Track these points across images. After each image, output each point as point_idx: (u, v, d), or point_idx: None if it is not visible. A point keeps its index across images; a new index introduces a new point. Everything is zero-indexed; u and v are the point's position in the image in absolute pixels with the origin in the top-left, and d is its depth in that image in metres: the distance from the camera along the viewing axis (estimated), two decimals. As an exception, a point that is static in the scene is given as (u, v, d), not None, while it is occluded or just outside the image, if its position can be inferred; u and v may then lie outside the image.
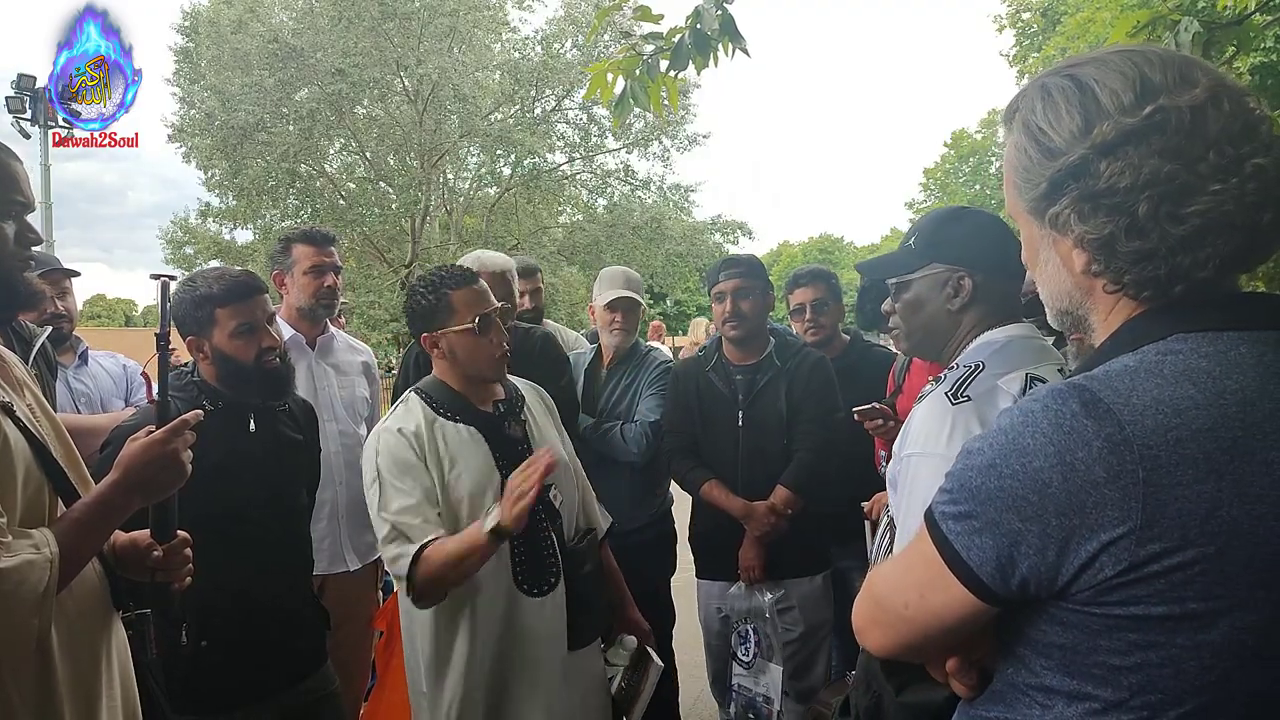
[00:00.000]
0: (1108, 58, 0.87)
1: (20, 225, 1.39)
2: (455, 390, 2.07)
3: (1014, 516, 0.80)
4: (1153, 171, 0.80)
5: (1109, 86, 0.84)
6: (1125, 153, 0.81)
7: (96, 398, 2.86)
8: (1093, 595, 0.79)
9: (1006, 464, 0.81)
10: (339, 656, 2.26)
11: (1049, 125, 0.87)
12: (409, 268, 23.15)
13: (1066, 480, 0.78)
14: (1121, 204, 0.82)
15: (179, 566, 1.54)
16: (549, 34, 24.08)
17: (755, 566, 2.72)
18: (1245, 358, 0.80)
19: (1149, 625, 0.78)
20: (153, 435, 1.42)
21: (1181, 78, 0.82)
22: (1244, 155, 0.80)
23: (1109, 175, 0.82)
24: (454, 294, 2.02)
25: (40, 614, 1.22)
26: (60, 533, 1.29)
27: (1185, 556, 0.75)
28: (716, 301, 2.84)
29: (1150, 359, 0.82)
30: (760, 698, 2.73)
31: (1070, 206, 0.86)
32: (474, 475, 1.99)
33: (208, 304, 1.99)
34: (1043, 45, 17.24)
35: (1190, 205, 0.80)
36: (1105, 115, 0.83)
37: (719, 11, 2.74)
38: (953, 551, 0.85)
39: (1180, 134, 0.80)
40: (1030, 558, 0.80)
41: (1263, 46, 12.18)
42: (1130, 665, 0.79)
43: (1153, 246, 0.82)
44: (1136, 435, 0.77)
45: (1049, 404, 0.81)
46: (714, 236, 26.11)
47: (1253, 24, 2.91)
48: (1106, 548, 0.77)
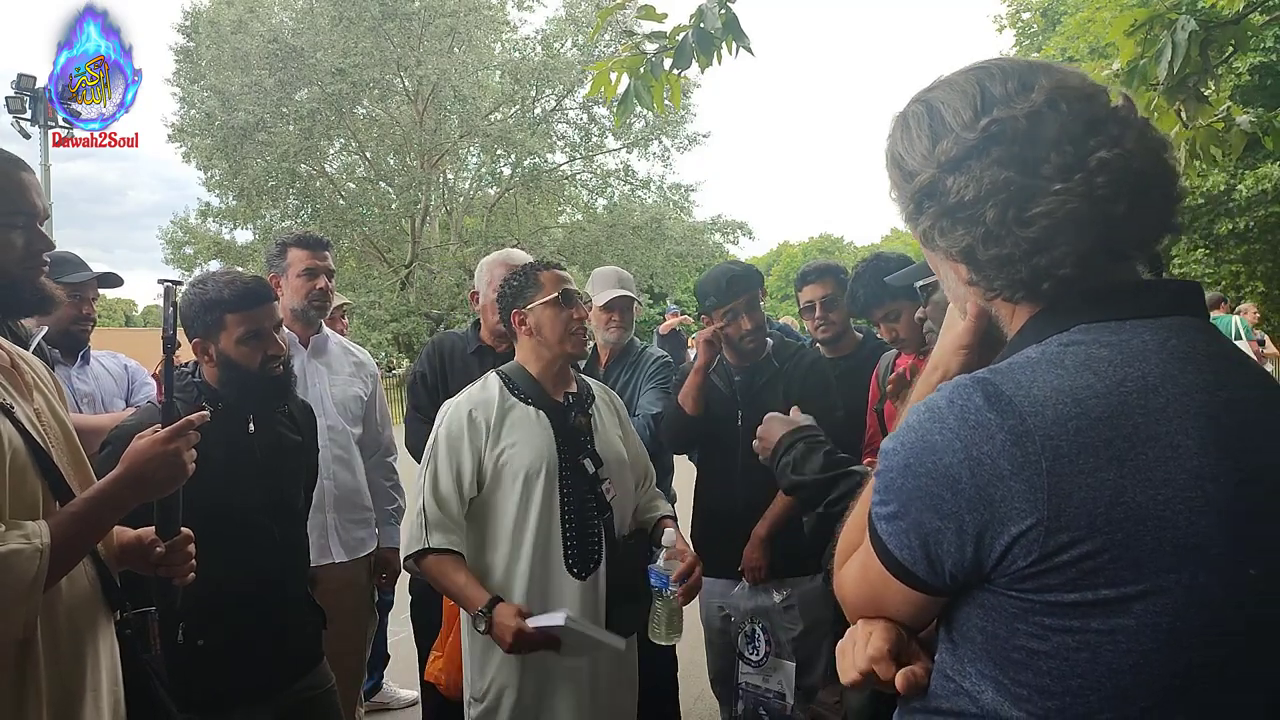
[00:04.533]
0: (955, 78, 0.90)
1: (30, 234, 1.42)
2: (533, 377, 2.23)
3: (933, 515, 0.82)
4: (994, 181, 0.83)
5: (952, 106, 0.87)
6: (969, 166, 0.84)
7: (98, 397, 2.87)
8: (1009, 583, 0.80)
9: (919, 462, 0.82)
10: (330, 650, 2.27)
11: (905, 151, 0.92)
12: (409, 268, 23.17)
13: (974, 475, 0.79)
14: (972, 215, 0.85)
15: (182, 563, 1.56)
16: (549, 34, 24.11)
17: (760, 566, 2.73)
18: (1148, 344, 0.81)
19: (1062, 611, 0.78)
20: (156, 434, 1.44)
21: (1021, 86, 0.85)
22: (1088, 150, 0.81)
23: (956, 190, 0.85)
24: (542, 273, 2.23)
25: (27, 603, 1.23)
26: (55, 525, 1.30)
27: (1093, 545, 0.76)
28: (729, 317, 2.77)
29: (1052, 350, 0.83)
30: (772, 694, 2.74)
31: (931, 223, 0.89)
32: (533, 453, 2.13)
33: (217, 308, 1.99)
34: (1043, 45, 17.23)
35: (1035, 208, 0.81)
36: (949, 133, 0.87)
37: (722, 10, 2.75)
38: (887, 551, 0.87)
39: (1017, 141, 0.82)
40: (952, 554, 0.82)
41: (1262, 46, 12.19)
42: (1048, 650, 0.80)
43: (1009, 252, 0.84)
44: (1038, 426, 0.77)
45: (954, 399, 0.82)
46: (714, 236, 26.14)
47: (1251, 23, 2.92)
48: (1017, 540, 0.78)
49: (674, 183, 25.92)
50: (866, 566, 0.92)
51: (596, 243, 23.99)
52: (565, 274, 2.27)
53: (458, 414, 2.16)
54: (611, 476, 2.22)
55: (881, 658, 0.92)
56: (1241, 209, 13.86)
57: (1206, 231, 14.67)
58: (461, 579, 2.04)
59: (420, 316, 22.45)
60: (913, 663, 0.93)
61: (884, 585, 0.90)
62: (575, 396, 2.27)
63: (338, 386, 2.92)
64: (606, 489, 2.19)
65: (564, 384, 2.27)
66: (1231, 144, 3.13)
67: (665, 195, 25.70)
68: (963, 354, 1.03)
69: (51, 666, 1.33)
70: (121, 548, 1.56)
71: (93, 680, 1.40)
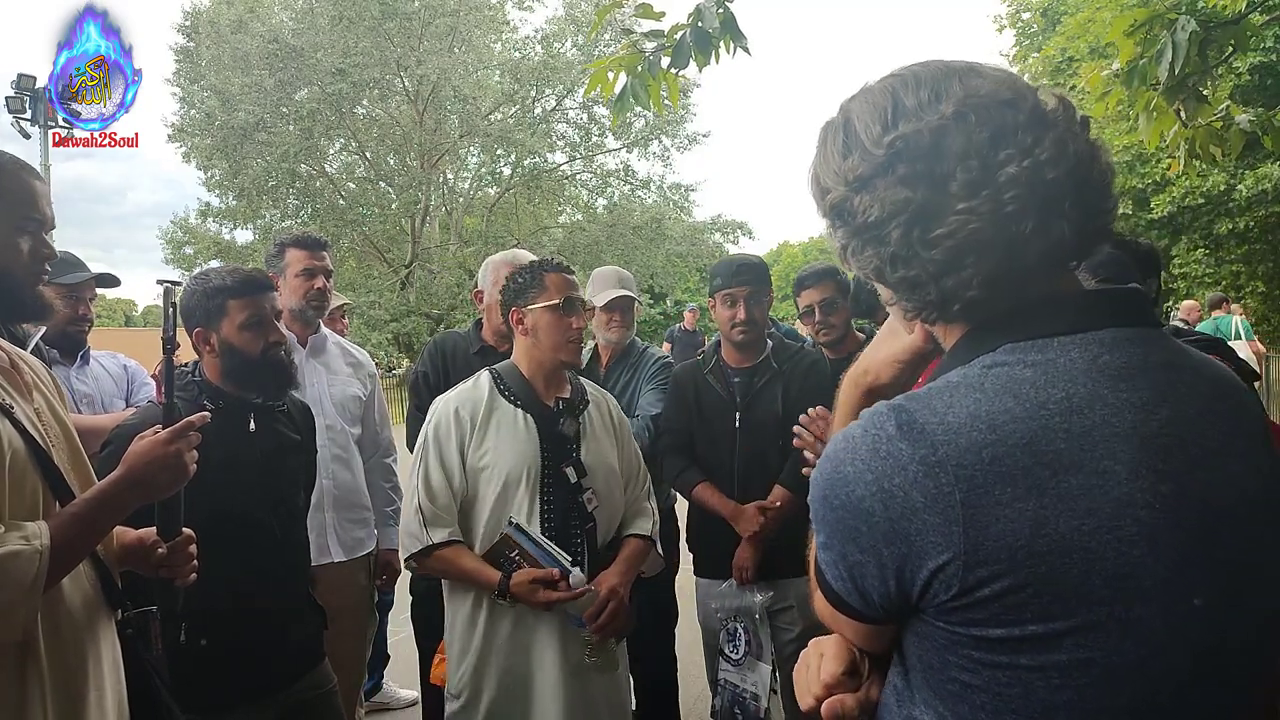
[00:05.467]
0: (872, 87, 0.85)
1: (36, 241, 1.44)
2: (525, 377, 2.21)
3: (853, 548, 0.78)
4: (897, 201, 0.78)
5: (863, 119, 0.83)
6: (874, 185, 0.80)
7: (98, 398, 2.87)
8: (935, 614, 0.77)
9: (835, 494, 0.79)
10: (332, 650, 2.28)
11: (820, 167, 0.87)
12: (409, 268, 23.16)
13: (887, 509, 0.75)
14: (877, 236, 0.81)
15: (183, 563, 1.57)
16: (549, 33, 24.09)
17: (748, 567, 2.72)
18: (1075, 363, 0.76)
19: (989, 646, 0.74)
20: (157, 435, 1.45)
21: (933, 95, 0.80)
22: (996, 164, 0.76)
23: (863, 209, 0.81)
24: (549, 275, 2.19)
25: (26, 604, 1.23)
26: (55, 526, 1.30)
27: (1015, 579, 0.71)
28: (726, 305, 2.80)
29: (974, 373, 0.78)
30: (748, 694, 2.73)
31: (844, 243, 0.85)
32: (515, 457, 2.11)
33: (220, 295, 2.02)
34: (1043, 45, 17.22)
35: (938, 228, 0.77)
36: (858, 149, 0.82)
37: (720, 10, 2.75)
38: (825, 582, 0.85)
39: (921, 158, 0.77)
40: (876, 587, 0.79)
41: (1262, 46, 12.19)
42: (980, 684, 0.76)
43: (915, 274, 0.80)
44: (950, 456, 0.73)
45: (868, 427, 0.78)
46: (714, 236, 26.11)
47: (1251, 23, 2.92)
48: (935, 574, 0.73)
49: (674, 182, 25.90)
50: (821, 600, 0.90)
51: (596, 243, 23.96)
52: (572, 279, 2.23)
53: (446, 411, 2.16)
54: (596, 486, 2.18)
55: (836, 682, 0.90)
56: (1241, 209, 13.84)
57: (1206, 231, 14.65)
58: (471, 564, 2.06)
59: (420, 316, 22.44)
60: (864, 686, 0.90)
61: (831, 612, 0.88)
62: (567, 401, 2.24)
63: (336, 386, 2.93)
64: (588, 499, 2.16)
65: (557, 387, 2.24)
66: (1231, 144, 3.13)
67: (665, 195, 25.68)
68: (896, 367, 1.00)
69: (54, 667, 1.33)
70: (123, 548, 1.56)
71: (95, 680, 1.40)
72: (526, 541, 2.04)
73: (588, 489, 2.16)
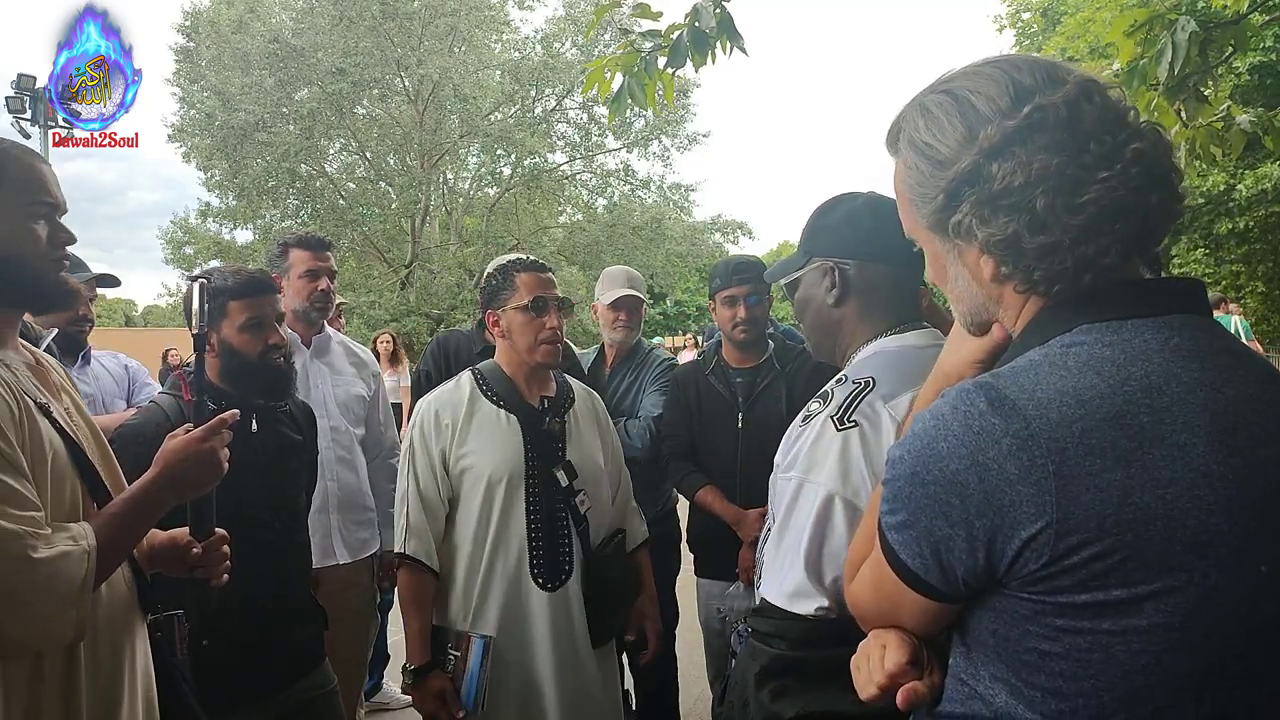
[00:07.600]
0: (978, 69, 0.90)
1: (52, 226, 1.39)
2: (507, 376, 2.18)
3: (943, 522, 0.82)
4: (1042, 166, 0.82)
5: (984, 94, 0.87)
6: (1013, 153, 0.83)
7: (99, 398, 2.87)
8: (1020, 585, 0.80)
9: (927, 470, 0.82)
10: (333, 652, 2.28)
11: (934, 139, 0.90)
12: (409, 268, 23.16)
13: (982, 481, 0.79)
14: (1019, 202, 0.83)
15: (217, 563, 1.55)
16: (549, 33, 24.08)
17: (752, 567, 2.72)
18: (1150, 343, 0.81)
19: (1074, 612, 0.78)
20: (190, 433, 1.43)
21: (1049, 78, 0.86)
22: (1122, 142, 0.82)
23: (1002, 176, 0.84)
24: (520, 275, 2.15)
25: (78, 606, 1.21)
26: (98, 527, 1.28)
27: (1103, 546, 0.75)
28: (726, 305, 2.80)
29: (1055, 352, 0.83)
30: None
31: (971, 212, 0.87)
32: (499, 459, 2.09)
33: (221, 295, 2.01)
34: (1043, 45, 17.22)
35: (1083, 194, 0.81)
36: (987, 121, 0.85)
37: (717, 10, 2.75)
38: (900, 561, 0.87)
39: (1060, 129, 0.83)
40: (964, 561, 0.82)
41: (1262, 46, 12.19)
42: (1060, 651, 0.80)
43: (1056, 239, 0.83)
44: (1043, 429, 0.77)
45: (957, 405, 0.82)
46: (714, 236, 26.09)
47: (1251, 23, 2.92)
48: (1028, 543, 0.77)
49: (674, 182, 25.85)
50: (879, 577, 0.92)
51: (596, 243, 23.96)
52: (546, 277, 2.18)
53: (428, 413, 2.15)
54: (586, 488, 2.16)
55: (901, 671, 0.91)
56: (1241, 209, 13.86)
57: (1206, 231, 14.67)
58: (417, 625, 2.06)
59: (420, 316, 22.43)
60: (929, 672, 0.92)
61: (898, 595, 0.90)
62: (552, 400, 2.22)
63: (340, 387, 2.92)
64: (581, 501, 2.14)
65: (541, 386, 2.22)
66: (1231, 143, 3.14)
67: (665, 195, 25.65)
68: (977, 368, 1.03)
69: (92, 670, 1.31)
70: (154, 549, 1.54)
71: (130, 684, 1.39)
72: (475, 661, 2.02)
73: (580, 490, 2.14)
